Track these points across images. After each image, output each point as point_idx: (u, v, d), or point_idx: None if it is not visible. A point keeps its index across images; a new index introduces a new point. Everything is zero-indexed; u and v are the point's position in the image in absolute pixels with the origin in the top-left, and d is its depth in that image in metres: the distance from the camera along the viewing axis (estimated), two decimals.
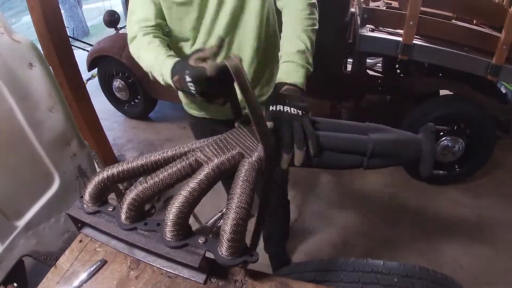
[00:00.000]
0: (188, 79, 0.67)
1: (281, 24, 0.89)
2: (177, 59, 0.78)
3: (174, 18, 0.93)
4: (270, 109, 0.69)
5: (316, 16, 0.89)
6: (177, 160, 0.68)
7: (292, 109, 0.69)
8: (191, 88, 0.68)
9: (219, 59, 0.68)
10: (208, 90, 0.69)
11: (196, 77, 0.66)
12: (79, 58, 2.05)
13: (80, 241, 0.71)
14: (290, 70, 0.78)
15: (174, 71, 0.74)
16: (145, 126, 3.03)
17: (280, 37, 0.87)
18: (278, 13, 0.94)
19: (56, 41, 1.74)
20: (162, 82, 0.81)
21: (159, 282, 0.63)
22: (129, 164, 0.69)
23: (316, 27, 0.88)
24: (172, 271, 0.64)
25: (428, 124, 0.73)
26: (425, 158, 0.71)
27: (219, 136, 0.73)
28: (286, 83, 0.75)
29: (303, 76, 0.78)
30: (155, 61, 0.81)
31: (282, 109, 0.68)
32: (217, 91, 0.70)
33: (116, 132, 2.95)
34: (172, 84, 0.76)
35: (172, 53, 0.84)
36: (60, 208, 1.16)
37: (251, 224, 0.68)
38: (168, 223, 0.61)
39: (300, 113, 0.69)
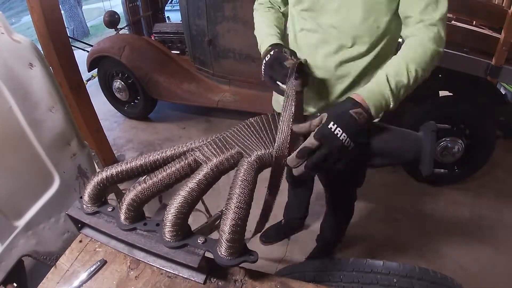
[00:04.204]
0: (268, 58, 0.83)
1: None
2: (275, 42, 0.90)
3: None
4: (328, 127, 0.63)
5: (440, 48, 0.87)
6: (176, 160, 0.68)
7: (348, 140, 0.63)
8: (264, 63, 0.84)
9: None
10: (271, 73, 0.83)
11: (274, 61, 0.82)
12: (79, 58, 2.05)
13: (80, 241, 0.71)
14: (375, 91, 0.71)
15: (272, 50, 0.85)
16: (145, 127, 3.02)
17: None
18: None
19: (56, 41, 1.74)
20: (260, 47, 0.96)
21: (158, 282, 0.63)
22: (128, 165, 0.69)
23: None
24: (172, 271, 0.64)
25: (429, 122, 0.71)
26: (425, 156, 0.70)
27: (218, 135, 0.72)
28: (360, 105, 0.66)
29: (380, 106, 0.70)
30: (262, 31, 0.97)
31: (338, 135, 0.62)
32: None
33: (116, 132, 2.95)
34: (262, 51, 0.90)
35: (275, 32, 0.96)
36: (60, 208, 1.16)
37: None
38: (167, 224, 0.61)
39: (350, 148, 0.64)
